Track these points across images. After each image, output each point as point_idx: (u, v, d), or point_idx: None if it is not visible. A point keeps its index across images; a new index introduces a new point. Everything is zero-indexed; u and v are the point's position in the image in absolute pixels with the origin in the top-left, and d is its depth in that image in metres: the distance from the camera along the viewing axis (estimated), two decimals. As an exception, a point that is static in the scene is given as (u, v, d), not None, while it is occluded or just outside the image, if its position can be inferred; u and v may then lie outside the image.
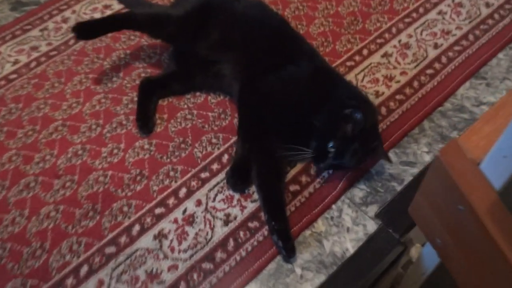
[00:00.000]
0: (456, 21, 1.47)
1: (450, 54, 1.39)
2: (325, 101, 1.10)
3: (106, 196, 1.12)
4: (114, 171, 1.17)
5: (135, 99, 1.31)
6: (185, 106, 1.30)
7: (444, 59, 1.37)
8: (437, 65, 1.36)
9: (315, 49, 1.29)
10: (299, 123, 1.10)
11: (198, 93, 1.33)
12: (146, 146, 1.21)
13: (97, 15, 1.58)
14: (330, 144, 1.03)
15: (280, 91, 1.16)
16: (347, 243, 1.03)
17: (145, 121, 1.25)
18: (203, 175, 1.16)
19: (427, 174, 0.79)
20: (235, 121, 1.25)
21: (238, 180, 1.11)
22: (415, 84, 1.31)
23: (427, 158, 1.17)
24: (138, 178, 1.15)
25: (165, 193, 1.12)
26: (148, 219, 1.08)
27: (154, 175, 1.16)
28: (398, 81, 1.32)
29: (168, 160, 1.19)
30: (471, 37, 1.43)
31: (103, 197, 1.12)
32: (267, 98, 1.16)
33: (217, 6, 1.29)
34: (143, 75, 1.38)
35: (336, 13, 1.53)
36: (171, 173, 1.16)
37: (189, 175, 1.15)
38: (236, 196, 1.11)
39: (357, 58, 1.39)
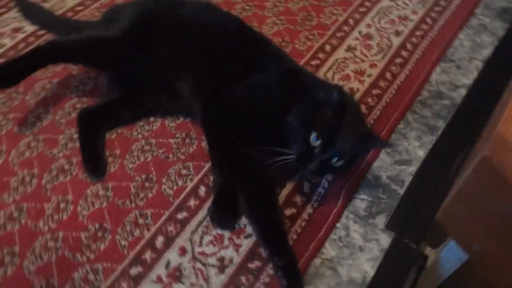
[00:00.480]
0: (410, 6, 1.42)
1: (414, 39, 1.32)
2: (297, 95, 0.96)
3: (62, 265, 0.88)
4: (66, 230, 0.93)
5: (75, 136, 1.07)
6: (140, 135, 1.09)
7: (409, 46, 1.30)
8: (404, 53, 1.28)
9: (280, 49, 1.14)
10: (277, 131, 0.95)
11: (152, 119, 1.12)
12: (102, 192, 0.99)
13: (7, 41, 1.30)
14: (313, 136, 0.86)
15: (249, 103, 1.00)
16: (364, 265, 0.90)
17: (94, 162, 1.02)
18: (180, 215, 0.96)
19: (465, 178, 0.68)
20: (204, 144, 1.07)
21: (224, 215, 0.93)
22: (388, 75, 1.23)
23: (421, 153, 1.07)
24: (100, 234, 0.92)
25: (138, 247, 0.91)
26: (124, 284, 0.86)
27: (118, 227, 0.94)
28: (370, 75, 1.22)
29: (133, 205, 0.97)
30: (428, 20, 1.37)
31: (58, 268, 0.88)
32: (237, 114, 0.99)
33: (160, 16, 1.10)
34: (79, 106, 1.14)
35: (287, 10, 1.40)
36: (140, 221, 0.95)
37: (163, 219, 0.95)
38: (226, 234, 0.93)
39: (321, 55, 1.27)
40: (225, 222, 0.93)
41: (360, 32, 1.34)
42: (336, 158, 0.88)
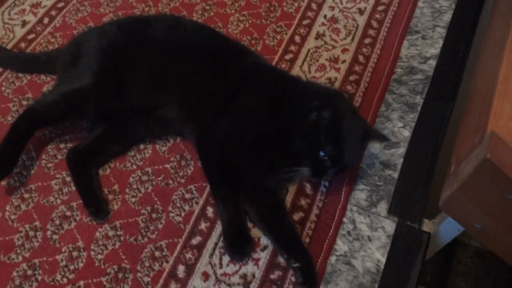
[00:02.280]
0: (367, -20, 1.43)
1: (377, 16, 1.34)
2: (292, 114, 0.99)
3: (92, 314, 0.90)
4: (86, 279, 0.93)
5: (67, 179, 1.06)
6: (134, 166, 1.08)
7: (375, 24, 1.33)
8: (371, 32, 1.31)
9: (258, 55, 1.14)
10: (279, 148, 0.98)
11: (142, 146, 1.11)
12: (111, 233, 0.99)
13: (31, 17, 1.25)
14: (322, 154, 0.93)
15: (242, 130, 1.01)
16: (376, 254, 0.97)
17: (97, 203, 1.01)
18: (195, 241, 0.98)
19: (469, 173, 0.73)
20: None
21: (238, 246, 0.96)
22: (361, 58, 1.25)
23: (406, 133, 1.13)
24: (120, 275, 0.94)
25: (162, 281, 0.93)
26: (158, 321, 0.89)
27: (137, 264, 0.95)
28: (344, 61, 1.25)
29: (146, 239, 0.98)
30: (388, -7, 1.39)
31: (90, 318, 0.90)
32: (233, 147, 1.00)
33: (127, 43, 1.06)
34: (62, 146, 1.11)
35: (247, 3, 1.38)
36: (157, 254, 0.96)
37: (178, 247, 0.97)
38: (244, 251, 0.97)
39: (292, 48, 1.28)
40: (241, 253, 0.95)
41: (325, 16, 1.35)
42: (347, 163, 0.96)
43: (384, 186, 1.05)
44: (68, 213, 1.01)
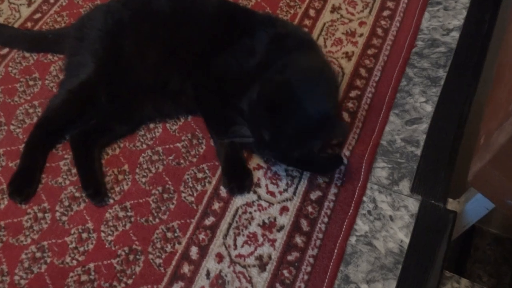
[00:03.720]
0: (385, -50, 1.35)
1: (396, -13, 1.28)
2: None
3: (103, 297, 0.87)
4: (97, 261, 0.90)
5: (76, 158, 1.02)
6: (144, 145, 1.04)
7: (393, -5, 1.26)
8: (390, 4, 1.24)
9: (272, 15, 1.09)
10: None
11: (152, 125, 1.07)
12: (122, 214, 0.95)
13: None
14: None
15: (235, 67, 0.98)
16: (398, 234, 0.92)
17: (95, 185, 0.96)
18: (208, 221, 0.94)
19: (503, 144, 0.68)
20: (212, 141, 1.04)
21: (237, 179, 0.96)
22: (379, 31, 1.19)
23: (429, 108, 1.07)
24: (131, 257, 0.90)
25: (174, 262, 0.90)
26: (171, 304, 0.86)
27: (148, 245, 0.92)
28: (361, 35, 1.19)
29: (157, 220, 0.95)
30: (407, -38, 1.32)
31: (100, 301, 0.86)
32: (224, 79, 0.98)
33: (133, 21, 1.02)
34: (71, 126, 1.08)
35: (259, -23, 1.32)
36: (169, 235, 0.93)
37: (191, 228, 0.93)
38: (259, 231, 0.92)
39: (307, 22, 1.22)
40: (243, 185, 0.96)
41: (341, -11, 1.28)
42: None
43: (407, 164, 1.00)
44: (77, 194, 0.98)
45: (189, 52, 1.01)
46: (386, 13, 1.22)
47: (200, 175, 1.00)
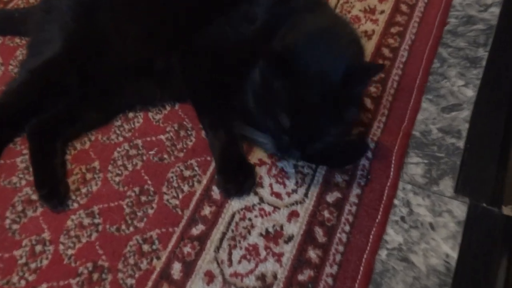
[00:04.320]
0: None
1: (422, -39, 1.10)
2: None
3: (55, 329, 0.66)
4: (51, 281, 0.69)
5: (36, 155, 0.83)
6: (120, 138, 0.85)
7: (418, -31, 1.08)
8: (415, -22, 1.07)
9: None
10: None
11: (131, 114, 0.88)
12: (87, 221, 0.75)
13: None
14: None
15: (232, 39, 0.80)
16: (443, 246, 0.70)
17: (52, 184, 0.77)
18: (196, 230, 0.74)
19: None
20: (204, 132, 0.84)
21: (238, 178, 0.76)
22: (404, 8, 1.01)
23: (470, 93, 0.87)
24: (96, 276, 0.70)
25: (150, 283, 0.69)
26: None
27: (119, 261, 0.71)
28: (382, 11, 1.01)
29: (131, 229, 0.74)
30: None
31: (51, 334, 0.65)
32: (220, 55, 0.80)
33: None
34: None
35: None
36: (145, 248, 0.72)
37: (174, 239, 0.73)
38: (260, 242, 0.72)
39: (318, -1, 1.04)
40: (242, 187, 0.76)
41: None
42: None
43: (447, 158, 0.79)
44: (33, 197, 0.78)
45: (175, 23, 0.83)
46: (411, -13, 1.05)
47: (187, 173, 0.80)
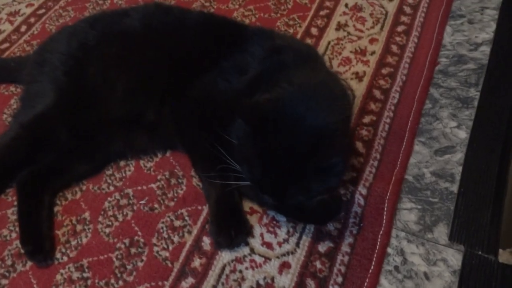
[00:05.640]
0: (395, -36, 1.21)
1: (410, 0, 1.11)
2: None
3: None
4: None
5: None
6: (111, 188, 0.85)
7: (407, 9, 1.10)
8: (404, 18, 1.08)
9: (267, 28, 0.92)
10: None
11: (122, 163, 0.88)
12: (76, 275, 0.74)
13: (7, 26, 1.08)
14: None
15: (226, 88, 0.80)
16: (438, 298, 0.69)
17: (36, 240, 0.76)
18: (186, 283, 0.72)
19: None
20: (196, 180, 0.84)
21: (231, 231, 0.73)
22: (394, 48, 1.02)
23: (463, 134, 0.87)
24: (84, 335, 0.68)
25: None
26: None
27: (107, 318, 0.70)
28: (373, 52, 1.01)
29: (120, 283, 0.73)
30: (421, -25, 1.17)
31: None
32: (213, 103, 0.80)
33: (100, 43, 0.85)
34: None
35: (253, -3, 1.18)
36: (135, 303, 0.71)
37: (163, 294, 0.71)
38: (261, 280, 0.70)
39: (309, 41, 1.05)
40: (232, 242, 0.74)
41: (346, 5, 1.13)
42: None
43: (441, 204, 0.78)
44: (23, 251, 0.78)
45: (166, 75, 0.83)
46: (401, 28, 1.05)
47: (177, 223, 0.79)
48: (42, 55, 0.89)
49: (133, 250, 0.76)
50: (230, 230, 0.74)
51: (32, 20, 1.20)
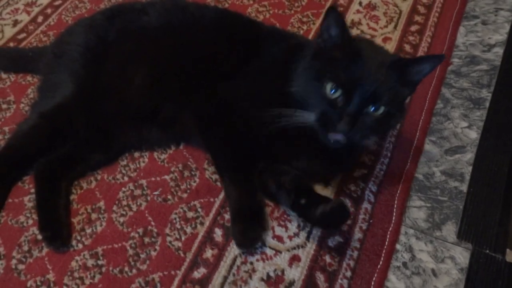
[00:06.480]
0: (410, -37, 1.21)
1: (425, 0, 1.12)
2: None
3: None
4: (54, 324, 0.70)
5: (43, 193, 0.84)
6: (126, 178, 0.86)
7: (422, 9, 1.10)
8: (418, 18, 1.08)
9: (275, 27, 0.93)
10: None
11: (137, 154, 0.90)
12: (91, 263, 0.76)
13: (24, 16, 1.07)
14: (329, 88, 0.67)
15: (251, 93, 0.81)
16: (445, 294, 0.70)
17: (54, 227, 0.78)
18: (198, 273, 0.74)
19: None
20: (208, 173, 0.85)
21: (251, 231, 0.75)
22: (407, 48, 1.02)
23: (473, 135, 0.87)
24: (98, 320, 0.70)
25: (152, 328, 0.69)
26: None
27: (121, 304, 0.72)
28: (386, 51, 1.01)
29: (134, 271, 0.75)
30: (435, -25, 1.17)
31: None
32: (239, 109, 0.80)
33: (119, 39, 0.87)
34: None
35: (268, -7, 1.19)
36: (147, 291, 0.73)
37: (176, 283, 0.73)
38: (262, 287, 0.72)
39: (322, 38, 1.06)
40: (255, 239, 0.75)
41: (360, 3, 1.13)
42: (372, 106, 0.66)
43: (450, 202, 0.79)
44: (40, 237, 0.79)
45: (183, 73, 0.84)
46: (414, 27, 1.06)
47: (190, 214, 0.81)
48: (60, 47, 0.91)
49: (146, 240, 0.78)
50: (249, 232, 0.75)
51: (48, 11, 1.22)
